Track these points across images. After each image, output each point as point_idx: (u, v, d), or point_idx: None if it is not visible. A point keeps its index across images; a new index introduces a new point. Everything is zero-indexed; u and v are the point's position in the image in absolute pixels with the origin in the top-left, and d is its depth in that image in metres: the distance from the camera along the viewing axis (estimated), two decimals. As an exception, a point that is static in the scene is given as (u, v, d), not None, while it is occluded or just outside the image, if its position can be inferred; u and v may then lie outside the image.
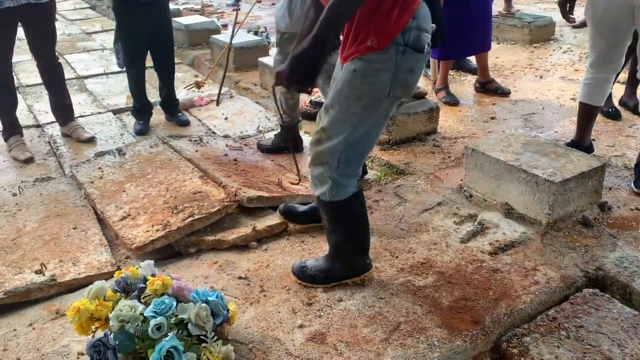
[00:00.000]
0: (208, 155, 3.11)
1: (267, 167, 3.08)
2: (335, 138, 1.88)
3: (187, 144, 3.26)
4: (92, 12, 8.40)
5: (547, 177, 2.44)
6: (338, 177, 1.93)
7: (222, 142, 3.41)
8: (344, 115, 1.87)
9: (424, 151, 3.37)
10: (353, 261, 2.12)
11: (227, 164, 3.01)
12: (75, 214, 2.71)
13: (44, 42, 3.50)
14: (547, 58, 5.11)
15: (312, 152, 1.97)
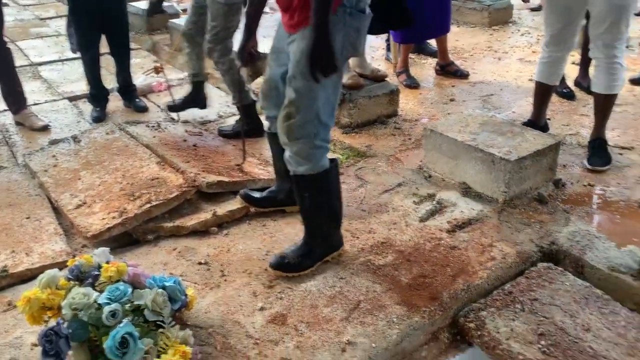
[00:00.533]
0: (166, 141, 3.05)
1: (228, 152, 3.04)
2: (306, 109, 1.92)
3: (144, 130, 3.20)
4: (46, -4, 8.10)
5: (503, 156, 2.48)
6: (317, 147, 1.98)
7: (181, 127, 3.36)
8: (309, 82, 1.89)
9: (385, 133, 3.38)
10: (331, 236, 2.16)
11: (186, 149, 2.96)
12: (28, 203, 2.63)
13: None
14: (506, 40, 5.19)
15: (284, 129, 1.97)
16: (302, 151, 1.97)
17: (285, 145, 2.01)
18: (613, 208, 2.52)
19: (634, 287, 2.01)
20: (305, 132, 1.95)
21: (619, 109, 3.48)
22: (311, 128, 1.95)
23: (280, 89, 2.16)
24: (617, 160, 2.89)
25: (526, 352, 1.75)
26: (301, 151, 1.98)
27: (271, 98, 2.22)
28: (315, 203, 2.07)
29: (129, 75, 3.98)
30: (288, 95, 1.95)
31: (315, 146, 1.98)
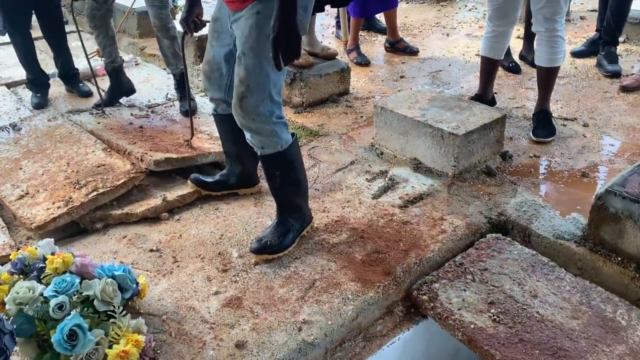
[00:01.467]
0: (111, 126, 2.96)
1: (177, 131, 2.97)
2: (258, 88, 1.88)
3: (88, 117, 3.09)
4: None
5: (451, 131, 2.52)
6: (276, 124, 1.95)
7: (126, 111, 3.25)
8: (259, 59, 1.85)
9: (337, 112, 3.38)
10: (303, 210, 2.17)
11: (132, 132, 2.88)
12: (-34, 196, 2.51)
13: None
14: (454, 16, 5.24)
15: (238, 111, 1.93)
16: (263, 131, 1.95)
17: (245, 128, 1.98)
18: (557, 178, 2.61)
19: (577, 252, 2.09)
20: (260, 111, 1.92)
21: (562, 81, 3.59)
22: (266, 107, 1.92)
23: (223, 70, 2.13)
24: (561, 131, 2.98)
25: (477, 321, 1.80)
26: (262, 131, 1.95)
27: (214, 80, 2.17)
28: (286, 179, 2.07)
29: (69, 59, 3.82)
30: (238, 75, 1.91)
31: (274, 123, 1.96)
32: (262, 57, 1.84)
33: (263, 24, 1.81)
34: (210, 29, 2.13)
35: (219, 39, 2.09)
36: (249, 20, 1.85)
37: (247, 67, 1.88)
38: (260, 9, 1.82)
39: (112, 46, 3.42)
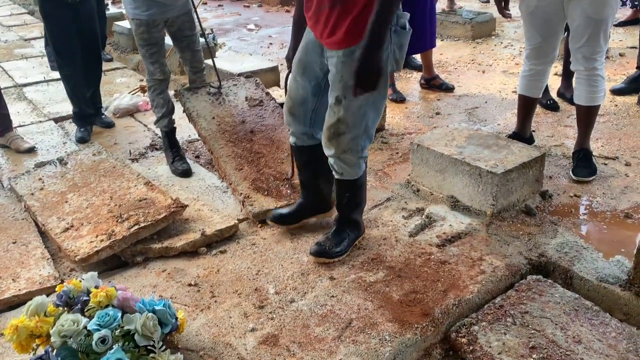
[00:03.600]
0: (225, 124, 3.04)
1: (284, 141, 2.96)
2: (355, 126, 2.06)
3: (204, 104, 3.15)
4: (30, 17, 8.08)
5: (489, 169, 2.50)
6: (363, 157, 2.18)
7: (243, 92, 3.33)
8: (359, 102, 2.01)
9: (372, 148, 3.40)
10: (359, 223, 2.36)
11: (242, 139, 2.94)
12: (14, 227, 2.60)
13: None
14: (489, 53, 5.25)
15: (332, 144, 2.10)
16: (350, 161, 2.14)
17: (332, 156, 2.14)
18: (599, 218, 2.55)
19: (622, 297, 2.03)
20: (354, 145, 2.11)
21: (602, 119, 3.54)
22: (360, 142, 2.12)
23: (309, 105, 2.22)
24: (602, 170, 2.93)
25: (518, 366, 1.75)
26: (348, 161, 2.14)
27: (298, 115, 2.27)
28: (353, 200, 2.27)
29: (98, 93, 4.00)
30: (337, 113, 2.05)
31: (361, 157, 2.17)
32: (362, 99, 2.01)
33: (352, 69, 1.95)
34: (295, 63, 2.22)
35: (305, 73, 2.18)
36: (347, 63, 1.97)
37: (347, 108, 2.03)
38: (352, 56, 1.96)
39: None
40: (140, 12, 2.97)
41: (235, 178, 2.73)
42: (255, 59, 5.11)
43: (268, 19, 7.64)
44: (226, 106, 3.17)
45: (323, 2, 2.02)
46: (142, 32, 3.01)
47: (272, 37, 6.58)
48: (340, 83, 2.03)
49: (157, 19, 2.99)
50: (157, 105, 3.24)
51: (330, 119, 2.09)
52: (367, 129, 2.12)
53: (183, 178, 3.10)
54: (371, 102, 2.05)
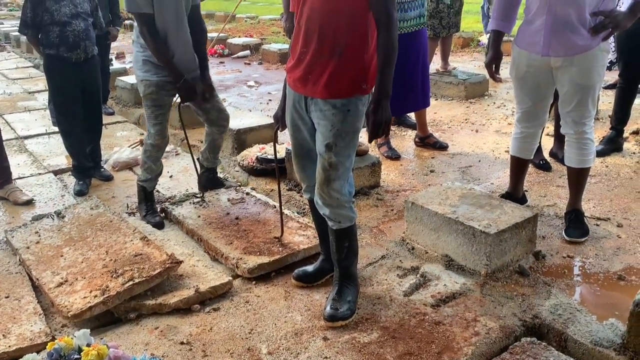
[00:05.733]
0: (210, 219, 3.15)
1: (269, 220, 3.08)
2: (344, 172, 2.21)
3: (189, 209, 3.30)
4: (35, 71, 8.27)
5: (483, 229, 2.53)
6: (352, 202, 2.29)
7: (224, 196, 3.46)
8: (347, 150, 2.19)
9: (367, 205, 3.44)
10: (357, 279, 2.43)
11: (229, 225, 3.04)
12: (8, 281, 2.60)
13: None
14: (482, 113, 5.39)
15: (324, 192, 2.21)
16: (342, 208, 2.24)
17: (328, 206, 2.24)
18: (593, 280, 2.56)
19: (617, 361, 2.01)
20: (344, 191, 2.23)
21: (594, 179, 3.60)
22: (347, 187, 2.25)
23: (314, 155, 2.30)
24: (594, 231, 2.96)
25: None
26: (342, 208, 2.24)
27: (308, 167, 2.38)
28: (351, 249, 2.35)
29: (98, 147, 4.08)
30: (328, 160, 2.17)
31: (350, 201, 2.27)
32: (351, 145, 2.19)
33: (352, 120, 2.15)
34: (287, 123, 2.35)
35: (300, 129, 2.30)
36: (340, 115, 2.14)
37: (338, 154, 2.15)
38: (352, 108, 2.14)
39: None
40: (150, 74, 3.07)
41: (225, 250, 2.77)
42: (254, 115, 5.23)
43: (268, 76, 7.84)
44: (210, 208, 3.32)
45: (322, 52, 2.12)
46: (152, 92, 3.09)
47: (271, 94, 6.74)
48: (332, 132, 2.15)
49: (168, 81, 3.08)
50: (148, 169, 3.31)
51: (321, 166, 2.20)
52: (350, 175, 2.28)
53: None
54: (353, 146, 2.22)
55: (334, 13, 2.08)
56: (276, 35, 11.08)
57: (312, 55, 2.15)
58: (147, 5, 2.93)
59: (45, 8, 3.47)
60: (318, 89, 2.16)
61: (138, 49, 3.11)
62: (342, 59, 2.11)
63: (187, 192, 3.73)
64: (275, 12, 14.72)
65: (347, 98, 2.14)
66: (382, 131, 2.12)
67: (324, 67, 2.13)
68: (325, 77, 2.13)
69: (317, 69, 2.14)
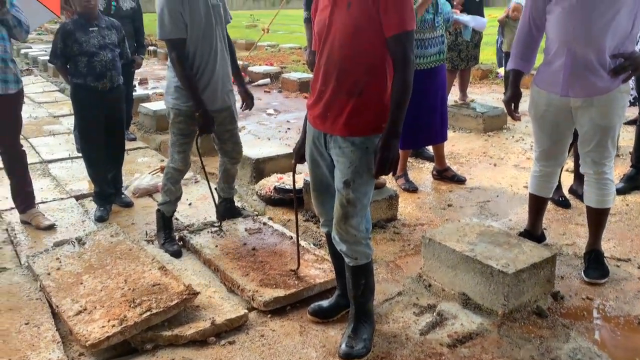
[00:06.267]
0: (227, 249, 3.17)
1: (285, 252, 3.10)
2: (361, 209, 2.23)
3: (207, 238, 3.33)
4: (61, 95, 8.47)
5: (501, 269, 2.52)
6: (369, 238, 2.30)
7: (242, 225, 3.50)
8: (365, 187, 2.21)
9: (384, 238, 3.44)
10: (373, 317, 2.43)
11: (245, 256, 3.06)
12: (28, 307, 2.63)
13: (9, 131, 3.53)
14: (501, 146, 5.38)
15: (342, 229, 2.23)
16: (359, 245, 2.25)
17: (345, 243, 2.24)
18: (613, 323, 2.52)
19: (638, 411, 1.97)
20: (361, 227, 2.24)
21: (614, 218, 3.56)
22: (364, 224, 2.25)
23: (332, 190, 2.32)
24: (615, 272, 2.92)
25: None
26: (359, 245, 2.25)
27: (327, 201, 2.39)
28: (368, 286, 2.34)
29: (120, 174, 4.16)
30: (346, 196, 2.19)
31: (367, 238, 2.28)
32: (369, 183, 2.22)
33: (370, 158, 2.16)
34: (307, 158, 2.39)
35: (319, 164, 2.34)
36: (358, 152, 2.17)
37: (356, 191, 2.18)
38: (370, 145, 2.16)
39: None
40: (180, 102, 3.14)
41: (242, 282, 2.79)
42: (273, 144, 5.28)
43: (287, 104, 7.95)
44: (227, 237, 3.36)
45: (341, 91, 2.17)
46: (180, 121, 3.17)
47: (290, 122, 6.82)
48: (350, 169, 2.18)
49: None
50: (168, 191, 3.37)
51: (339, 203, 2.23)
52: (368, 211, 2.28)
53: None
54: (371, 183, 2.23)
55: (352, 54, 2.13)
56: (296, 63, 11.25)
57: (331, 93, 2.20)
58: (178, 30, 3.02)
59: (75, 39, 3.59)
60: (337, 126, 2.19)
61: (172, 76, 3.19)
62: (361, 98, 2.15)
63: (205, 221, 3.77)
64: (296, 41, 14.96)
65: (366, 136, 2.17)
66: (389, 169, 2.14)
67: (343, 105, 2.17)
68: (345, 115, 2.17)
69: (336, 107, 2.18)
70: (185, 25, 3.04)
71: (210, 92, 3.19)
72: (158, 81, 9.74)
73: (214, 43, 3.18)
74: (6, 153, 3.62)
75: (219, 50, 3.22)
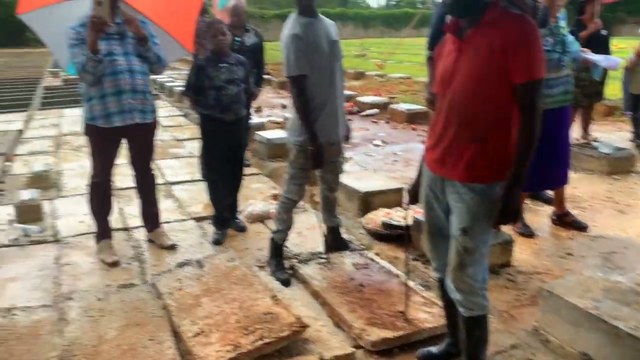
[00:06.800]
0: (335, 282, 3.21)
1: (393, 291, 3.09)
2: (479, 258, 2.17)
3: (315, 269, 3.40)
4: (185, 119, 9.13)
5: (630, 331, 2.32)
6: (485, 289, 2.22)
7: (349, 259, 3.53)
8: (484, 234, 2.15)
9: (497, 285, 3.30)
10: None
11: (352, 291, 3.09)
12: (152, 324, 2.83)
13: (144, 157, 3.87)
14: (628, 192, 4.99)
15: (457, 277, 2.19)
16: (475, 296, 2.19)
17: (460, 292, 2.20)
18: None
19: None
20: (479, 278, 2.18)
21: None
22: (481, 273, 2.19)
23: (446, 233, 2.29)
24: None
25: None
26: (474, 296, 2.19)
27: (439, 246, 2.37)
28: (482, 338, 2.27)
29: (236, 200, 4.35)
30: (461, 244, 2.15)
31: (484, 289, 2.21)
32: (489, 231, 2.15)
33: (492, 206, 2.11)
34: (422, 199, 2.37)
35: (434, 208, 2.32)
36: (478, 199, 2.12)
37: (474, 239, 2.13)
38: (492, 193, 2.11)
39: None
40: (304, 140, 3.25)
41: (349, 318, 2.80)
42: (379, 177, 5.29)
43: (394, 135, 7.95)
44: (335, 270, 3.39)
45: (462, 136, 2.13)
46: (301, 157, 3.30)
47: (397, 154, 6.81)
48: (468, 216, 2.13)
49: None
50: (281, 220, 3.49)
51: (455, 250, 2.17)
52: (486, 260, 2.21)
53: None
54: (490, 232, 2.17)
55: (477, 101, 2.09)
56: (404, 94, 11.25)
57: (451, 138, 2.17)
58: (302, 67, 3.15)
59: (207, 74, 3.87)
60: (456, 171, 2.16)
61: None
62: (484, 144, 2.11)
63: (313, 251, 3.85)
64: (405, 70, 15.00)
65: (488, 184, 2.12)
66: (510, 219, 2.09)
67: (463, 150, 2.14)
68: (465, 160, 2.13)
69: (456, 151, 2.16)
70: (308, 63, 3.17)
71: (330, 126, 3.29)
72: (271, 109, 10.19)
73: (333, 78, 3.29)
74: (139, 176, 3.96)
75: (337, 85, 3.32)
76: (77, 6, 3.65)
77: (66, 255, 3.84)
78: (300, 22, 3.18)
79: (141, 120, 3.63)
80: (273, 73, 13.78)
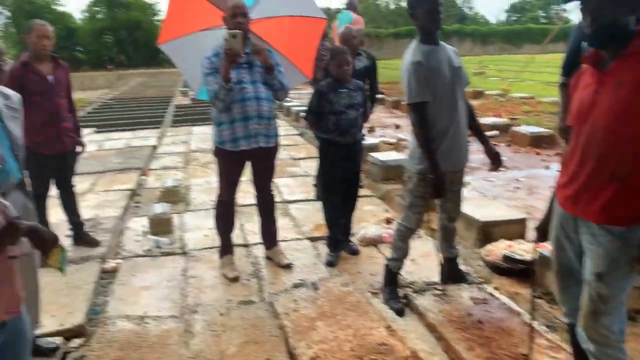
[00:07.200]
0: (451, 316, 3.12)
1: (514, 330, 2.97)
2: (615, 307, 2.00)
3: (430, 300, 3.33)
4: (301, 139, 9.41)
5: None
6: (623, 341, 2.04)
7: (466, 292, 3.43)
8: (622, 281, 1.98)
9: (634, 333, 2.99)
10: None
11: (470, 328, 2.99)
12: (270, 343, 2.92)
13: (265, 177, 4.04)
14: None
15: (590, 326, 2.04)
16: (610, 348, 2.02)
17: (592, 342, 2.05)
18: None
19: None
20: (614, 329, 2.01)
21: None
22: (618, 324, 2.01)
23: (578, 275, 2.16)
24: None
25: None
26: (609, 348, 2.02)
27: (570, 288, 2.23)
28: None
29: (349, 222, 4.35)
30: (596, 290, 2.00)
31: (621, 341, 2.03)
32: (628, 277, 1.98)
33: (633, 250, 1.94)
34: (552, 239, 2.25)
35: (565, 248, 2.18)
36: (617, 243, 1.96)
37: (610, 285, 1.98)
38: (631, 236, 1.94)
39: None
40: (426, 169, 3.18)
41: (467, 356, 2.70)
42: (500, 205, 5.05)
43: (516, 159, 7.59)
44: (451, 304, 3.29)
45: (600, 175, 1.98)
46: (422, 185, 3.25)
47: (519, 180, 6.48)
48: (605, 260, 1.96)
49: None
50: (397, 248, 3.45)
51: (588, 296, 2.01)
52: (622, 308, 2.02)
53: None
54: (629, 278, 1.99)
55: (619, 138, 1.93)
56: (527, 115, 10.71)
57: (588, 175, 2.02)
58: (424, 94, 3.11)
59: (328, 99, 3.97)
60: (592, 211, 2.01)
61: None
62: (626, 184, 1.93)
63: (427, 280, 3.76)
64: (527, 90, 14.31)
65: (628, 227, 1.95)
66: None
67: (601, 189, 1.98)
68: (602, 200, 1.97)
69: (593, 190, 2.00)
70: (430, 89, 3.13)
71: (452, 154, 3.22)
72: (384, 129, 10.19)
73: (455, 104, 3.22)
74: (259, 195, 4.13)
75: (460, 111, 3.24)
76: (209, 36, 3.94)
77: (192, 267, 4.10)
78: (421, 49, 3.16)
79: (265, 144, 3.79)
80: (387, 92, 13.79)
